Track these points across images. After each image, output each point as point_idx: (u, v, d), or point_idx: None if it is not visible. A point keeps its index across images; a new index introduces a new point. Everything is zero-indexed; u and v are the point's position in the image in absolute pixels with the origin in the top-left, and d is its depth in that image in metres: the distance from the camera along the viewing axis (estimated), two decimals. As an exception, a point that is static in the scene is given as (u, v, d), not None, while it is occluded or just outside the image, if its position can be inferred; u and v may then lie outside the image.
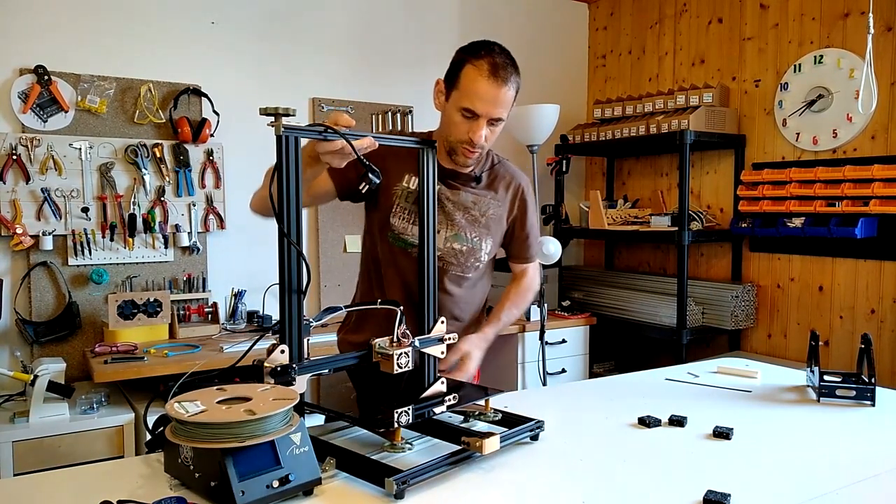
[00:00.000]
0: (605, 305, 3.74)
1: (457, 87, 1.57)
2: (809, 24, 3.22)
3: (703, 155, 3.72)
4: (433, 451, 1.26)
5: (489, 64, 1.53)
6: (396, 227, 1.68)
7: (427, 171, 1.45)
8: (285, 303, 1.21)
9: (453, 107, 1.58)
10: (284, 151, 1.19)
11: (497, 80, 1.53)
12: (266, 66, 3.31)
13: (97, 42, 2.93)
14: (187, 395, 1.12)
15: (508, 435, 1.30)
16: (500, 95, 1.54)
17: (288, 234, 1.20)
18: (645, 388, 1.80)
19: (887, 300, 2.98)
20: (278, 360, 1.20)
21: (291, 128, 1.20)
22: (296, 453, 1.07)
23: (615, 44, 4.22)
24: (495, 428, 1.36)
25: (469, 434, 1.26)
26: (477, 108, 1.54)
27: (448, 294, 1.74)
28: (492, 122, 1.57)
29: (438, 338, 1.46)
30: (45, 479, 1.18)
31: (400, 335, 1.33)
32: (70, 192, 2.86)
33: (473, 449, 1.19)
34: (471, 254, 1.73)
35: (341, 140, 1.25)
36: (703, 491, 1.09)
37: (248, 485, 1.00)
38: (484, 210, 1.74)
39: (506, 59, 1.56)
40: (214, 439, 1.00)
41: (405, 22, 3.68)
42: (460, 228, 1.71)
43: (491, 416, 1.42)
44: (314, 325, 1.26)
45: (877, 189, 2.85)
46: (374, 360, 1.34)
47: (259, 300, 3.25)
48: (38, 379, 2.36)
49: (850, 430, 1.45)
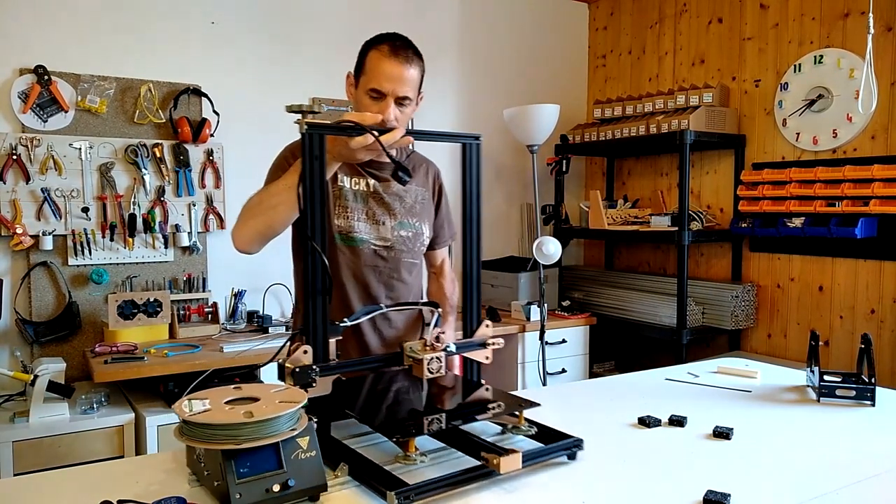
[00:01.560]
0: (605, 305, 3.74)
1: (363, 73, 1.63)
2: (809, 24, 3.22)
3: (703, 155, 3.72)
4: (453, 465, 1.17)
5: (390, 46, 1.60)
6: (342, 227, 1.69)
7: (472, 167, 1.43)
8: (309, 304, 1.19)
9: (361, 91, 1.62)
10: (308, 149, 1.17)
11: (398, 58, 1.59)
12: (266, 66, 3.31)
13: (97, 42, 2.93)
14: (201, 392, 1.11)
15: (535, 453, 1.18)
16: (403, 73, 1.59)
17: (312, 236, 1.18)
18: (645, 388, 1.80)
19: (887, 300, 2.98)
20: (301, 361, 1.16)
21: (316, 125, 1.18)
22: (301, 458, 1.04)
23: (615, 44, 4.22)
24: (529, 443, 1.26)
25: (491, 449, 1.16)
26: (383, 87, 1.58)
27: (405, 283, 1.80)
28: (399, 102, 1.60)
29: (481, 342, 1.37)
30: (45, 479, 1.18)
31: (432, 339, 1.26)
32: (70, 192, 2.86)
33: (491, 466, 1.10)
34: (416, 238, 1.79)
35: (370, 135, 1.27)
36: (703, 491, 1.09)
37: (247, 487, 0.98)
38: (416, 197, 1.80)
39: (406, 43, 1.63)
40: (212, 440, 1.00)
41: (405, 22, 3.68)
42: (402, 216, 1.76)
43: (525, 429, 1.30)
44: (349, 325, 1.23)
45: (877, 189, 2.85)
46: (406, 364, 1.29)
47: (259, 300, 3.25)
48: (38, 379, 2.36)
49: (850, 430, 1.45)
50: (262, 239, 1.57)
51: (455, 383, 1.42)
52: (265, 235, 1.56)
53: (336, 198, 1.70)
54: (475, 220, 1.45)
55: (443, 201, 1.89)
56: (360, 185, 1.72)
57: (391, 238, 1.74)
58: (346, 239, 1.70)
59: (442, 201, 1.89)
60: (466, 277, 1.44)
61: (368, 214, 1.72)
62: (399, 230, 1.76)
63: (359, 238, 1.71)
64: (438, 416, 1.20)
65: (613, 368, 4.00)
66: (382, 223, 1.73)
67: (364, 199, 1.72)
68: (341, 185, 1.70)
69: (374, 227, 1.72)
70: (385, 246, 1.74)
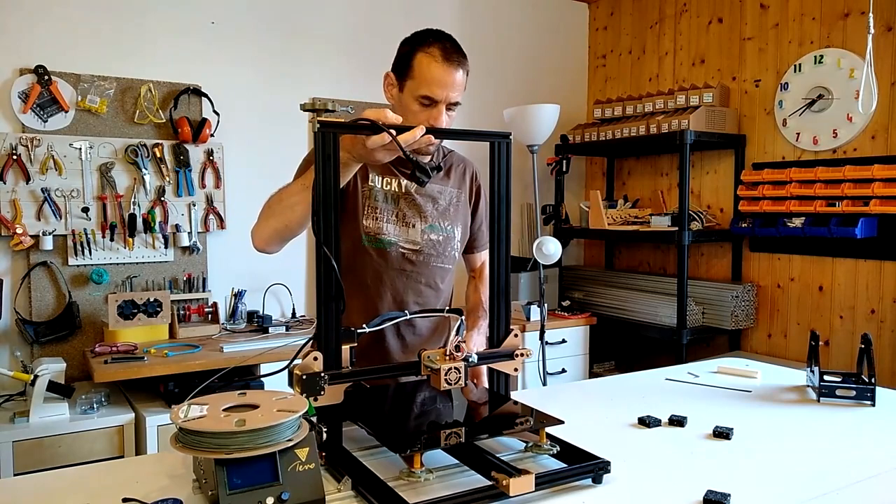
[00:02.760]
0: (605, 305, 3.74)
1: (411, 77, 1.56)
2: (809, 24, 3.22)
3: (703, 155, 3.72)
4: (461, 484, 1.10)
5: (441, 49, 1.55)
6: (370, 228, 1.64)
7: (501, 166, 1.35)
8: (321, 309, 1.14)
9: (409, 97, 1.56)
10: (321, 148, 1.12)
11: (451, 63, 1.54)
12: (266, 66, 3.31)
13: (97, 42, 2.93)
14: (202, 398, 1.08)
15: (553, 475, 1.08)
16: (457, 78, 1.55)
17: (324, 237, 1.14)
18: (645, 388, 1.79)
19: (887, 300, 2.98)
20: (310, 368, 1.11)
21: (329, 124, 1.14)
22: (299, 470, 0.99)
23: (615, 44, 4.22)
24: (552, 462, 1.19)
25: (502, 469, 1.08)
26: (435, 94, 1.53)
27: (434, 289, 1.73)
28: (449, 107, 1.57)
29: (508, 353, 1.29)
30: (45, 479, 1.18)
31: (452, 348, 1.20)
32: (70, 192, 2.86)
33: (500, 488, 1.03)
34: (447, 242, 1.73)
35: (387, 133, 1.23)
36: (703, 491, 1.09)
37: (239, 498, 0.94)
38: (450, 199, 1.74)
39: (455, 45, 1.58)
40: (203, 448, 0.97)
41: (405, 21, 3.67)
42: (433, 219, 1.70)
43: (547, 447, 1.21)
44: (368, 332, 1.18)
45: (877, 189, 2.85)
46: (424, 373, 1.22)
47: (259, 300, 3.25)
48: (38, 379, 2.36)
49: (850, 430, 1.45)
50: (281, 239, 1.51)
51: (479, 396, 1.36)
52: (283, 235, 1.50)
53: (366, 198, 1.64)
54: (504, 222, 1.36)
55: (481, 203, 1.82)
56: (392, 186, 1.66)
57: (420, 241, 1.68)
58: (373, 241, 1.64)
59: (480, 203, 1.82)
60: (494, 283, 1.36)
61: (398, 216, 1.66)
62: (429, 234, 1.69)
63: (387, 240, 1.65)
64: (439, 432, 1.13)
65: (613, 368, 4.00)
66: (412, 225, 1.67)
67: (395, 200, 1.66)
68: (372, 185, 1.65)
69: (403, 229, 1.66)
70: (414, 249, 1.68)
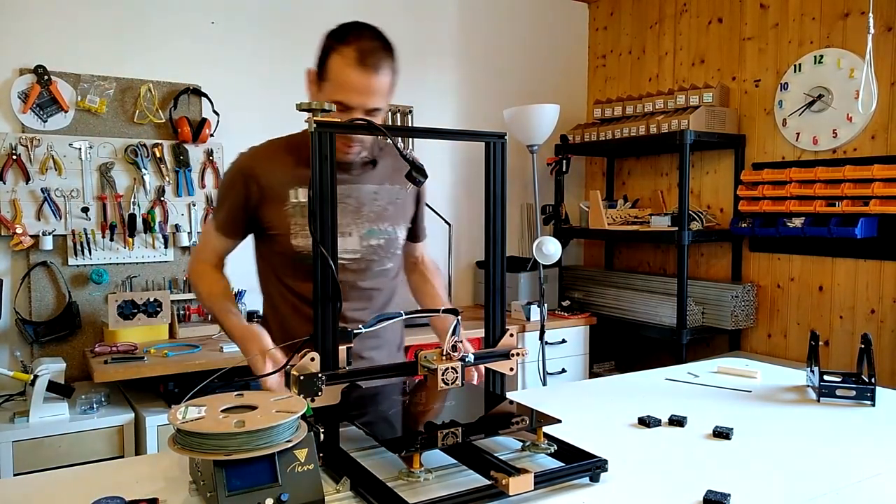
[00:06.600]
0: (604, 305, 3.74)
1: (326, 79, 1.44)
2: (809, 24, 3.22)
3: (703, 155, 3.72)
4: (460, 484, 1.10)
5: (357, 51, 1.40)
6: (302, 246, 1.51)
7: (496, 167, 1.32)
8: (318, 310, 1.14)
9: (326, 99, 1.43)
10: (318, 148, 1.12)
11: (366, 68, 1.40)
12: (266, 66, 3.31)
13: (97, 42, 2.93)
14: (200, 399, 1.08)
15: (551, 474, 1.09)
16: (373, 84, 1.41)
17: (321, 240, 1.14)
18: (645, 388, 1.79)
19: (887, 300, 2.98)
20: (307, 369, 1.11)
21: (325, 123, 1.14)
22: (298, 471, 0.99)
23: (615, 44, 4.22)
24: (551, 461, 1.19)
25: (501, 468, 1.08)
26: (350, 101, 1.40)
27: (381, 288, 1.64)
28: (368, 113, 1.43)
29: (504, 352, 1.29)
30: (45, 479, 1.18)
31: (449, 348, 1.19)
32: (70, 192, 2.86)
33: (500, 487, 1.03)
34: (390, 244, 1.62)
35: (274, 381, 1.25)
36: (703, 491, 1.09)
37: (238, 500, 0.94)
38: (389, 198, 1.61)
39: (375, 42, 1.44)
40: (201, 449, 0.96)
41: (405, 22, 3.68)
42: (371, 223, 1.58)
43: (544, 446, 1.21)
44: (364, 332, 1.18)
45: (877, 189, 2.85)
46: (420, 373, 1.23)
47: (259, 300, 3.24)
48: (38, 379, 2.36)
49: (850, 430, 1.45)
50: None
51: (475, 395, 1.36)
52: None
53: (291, 216, 1.51)
54: (499, 223, 1.32)
55: (422, 196, 1.72)
56: None
57: (360, 248, 1.57)
58: (308, 258, 1.46)
59: (422, 197, 1.72)
60: (490, 283, 1.34)
61: None
62: (368, 239, 1.57)
63: None
64: (435, 433, 1.13)
65: (613, 368, 4.00)
66: (349, 234, 1.54)
67: None
68: (295, 202, 1.51)
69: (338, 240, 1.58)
70: (353, 258, 1.56)
